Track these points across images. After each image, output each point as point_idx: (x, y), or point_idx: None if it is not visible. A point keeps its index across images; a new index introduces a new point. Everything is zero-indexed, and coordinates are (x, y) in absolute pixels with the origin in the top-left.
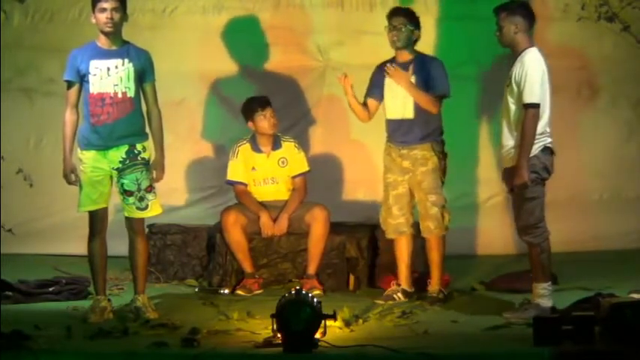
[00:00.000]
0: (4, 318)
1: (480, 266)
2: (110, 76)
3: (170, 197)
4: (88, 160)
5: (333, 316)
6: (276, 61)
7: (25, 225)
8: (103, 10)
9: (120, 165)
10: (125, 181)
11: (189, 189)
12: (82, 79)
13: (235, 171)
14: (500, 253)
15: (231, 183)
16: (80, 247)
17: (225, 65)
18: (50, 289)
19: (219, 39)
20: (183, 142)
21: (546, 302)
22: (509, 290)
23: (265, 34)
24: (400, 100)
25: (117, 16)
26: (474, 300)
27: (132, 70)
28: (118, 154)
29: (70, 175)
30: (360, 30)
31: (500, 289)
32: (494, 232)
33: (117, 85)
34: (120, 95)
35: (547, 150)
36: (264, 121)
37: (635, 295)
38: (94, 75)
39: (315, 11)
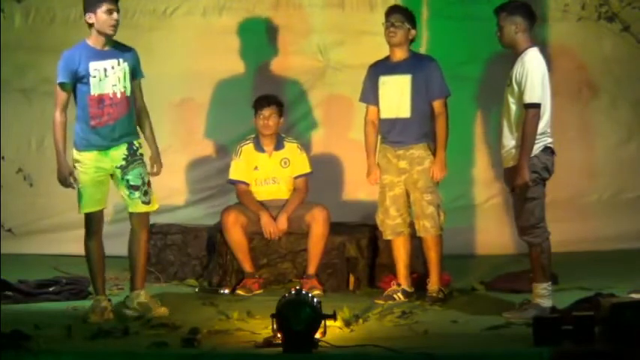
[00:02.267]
0: (4, 318)
1: (479, 266)
2: (108, 77)
3: (170, 197)
4: (89, 161)
5: (333, 316)
6: (277, 61)
7: (25, 225)
8: (110, 11)
9: (123, 162)
10: (130, 177)
11: (189, 189)
12: (80, 80)
13: (237, 170)
14: (499, 253)
15: (233, 182)
16: (80, 247)
17: (226, 66)
18: (50, 289)
19: (219, 40)
20: (184, 143)
21: (546, 302)
22: (509, 290)
23: (265, 35)
24: (395, 98)
25: (119, 17)
26: (474, 300)
27: (127, 69)
28: (120, 152)
29: (69, 177)
30: (361, 30)
31: (500, 289)
32: (494, 233)
33: (115, 85)
34: (119, 95)
35: (547, 150)
36: (260, 121)
37: (635, 295)
38: (94, 77)
39: (316, 11)
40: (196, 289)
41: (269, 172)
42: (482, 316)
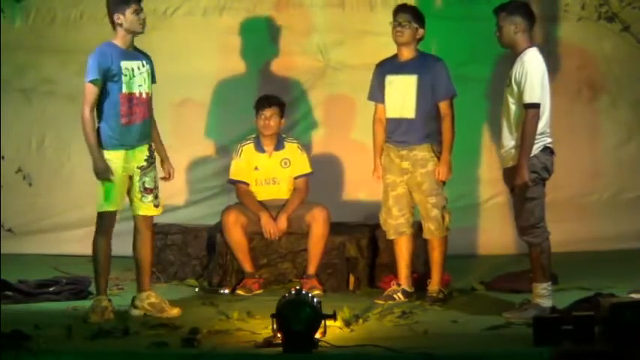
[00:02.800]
0: (4, 318)
1: (480, 266)
2: (135, 77)
3: (170, 197)
4: (118, 160)
5: (333, 316)
6: (277, 61)
7: (25, 225)
8: (138, 11)
9: (144, 163)
10: (147, 179)
11: (189, 189)
12: (111, 79)
13: (238, 170)
14: (500, 253)
15: (234, 182)
16: (80, 247)
17: (226, 66)
18: (50, 289)
19: (219, 40)
20: (185, 143)
21: (546, 302)
22: (509, 290)
23: (266, 35)
24: (400, 98)
25: (144, 16)
26: (474, 300)
27: (149, 71)
28: (143, 153)
29: (108, 170)
30: (361, 30)
31: (501, 289)
32: (495, 232)
33: (141, 85)
34: (144, 96)
35: (547, 150)
36: (261, 122)
37: (635, 295)
38: (126, 75)
39: (316, 11)
40: (196, 289)
41: (269, 173)
42: (482, 316)
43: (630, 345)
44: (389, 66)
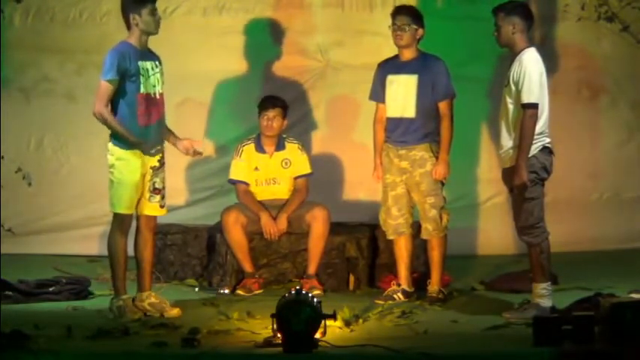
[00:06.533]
0: (4, 318)
1: (479, 266)
2: (150, 77)
3: (170, 197)
4: (136, 160)
5: (333, 316)
6: (277, 61)
7: (25, 225)
8: (154, 12)
9: (157, 164)
10: (157, 180)
11: (189, 189)
12: (129, 78)
13: (238, 170)
14: (500, 253)
15: (234, 182)
16: (80, 247)
17: (226, 66)
18: (50, 289)
19: (219, 40)
20: None
21: (546, 302)
22: (509, 290)
23: (266, 35)
24: (401, 98)
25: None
26: (474, 300)
27: (162, 71)
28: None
29: (140, 141)
30: (361, 30)
31: (501, 289)
32: (495, 233)
33: (155, 86)
34: (158, 96)
35: (546, 150)
36: (264, 122)
37: (635, 295)
38: (143, 75)
39: (315, 11)
40: (196, 289)
41: (269, 173)
42: (482, 316)
43: (630, 345)
44: (390, 66)
